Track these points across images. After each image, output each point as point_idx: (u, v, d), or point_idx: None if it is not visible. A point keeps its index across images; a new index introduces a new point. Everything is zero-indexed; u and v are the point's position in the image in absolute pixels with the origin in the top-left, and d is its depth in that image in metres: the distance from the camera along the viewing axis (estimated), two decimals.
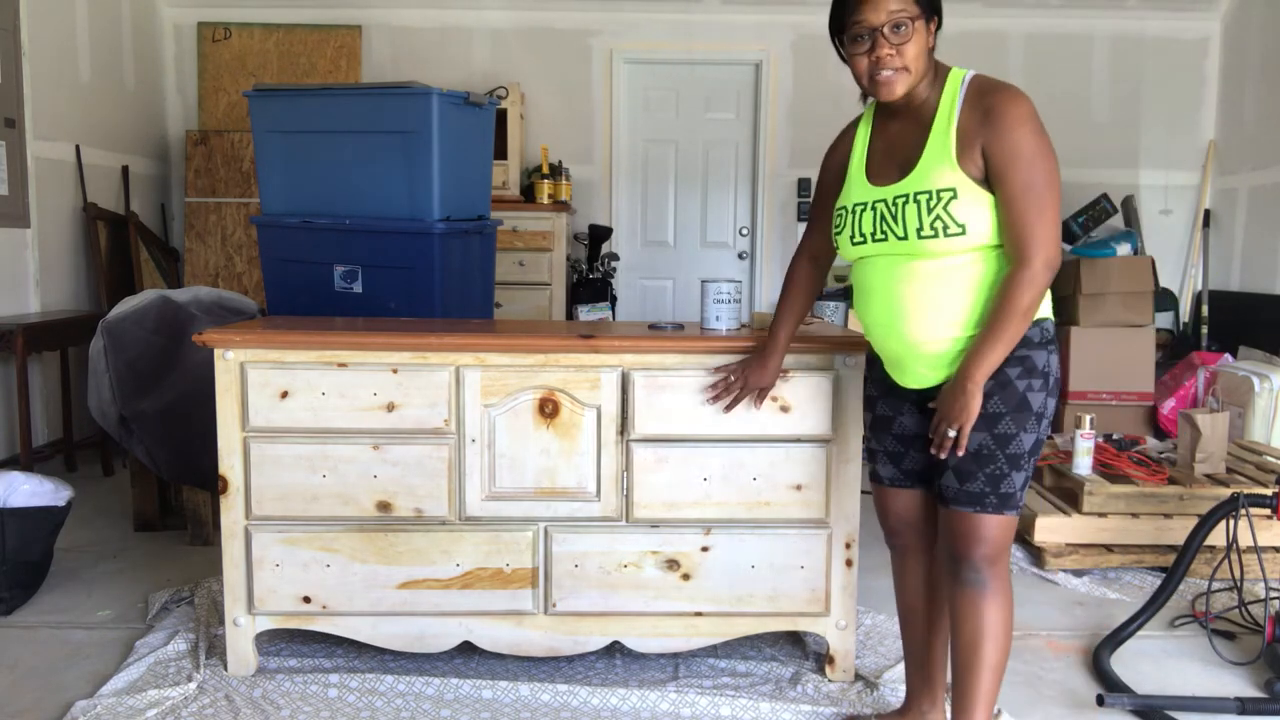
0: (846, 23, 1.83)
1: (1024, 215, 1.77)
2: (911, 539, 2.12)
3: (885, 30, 1.79)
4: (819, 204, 2.11)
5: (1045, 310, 1.90)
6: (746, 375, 2.27)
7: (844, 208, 1.98)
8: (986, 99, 1.81)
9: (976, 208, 1.80)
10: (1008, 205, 1.79)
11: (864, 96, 1.98)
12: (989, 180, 1.81)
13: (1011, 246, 1.80)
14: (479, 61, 5.87)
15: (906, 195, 1.85)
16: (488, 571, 2.43)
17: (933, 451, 1.89)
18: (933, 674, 2.16)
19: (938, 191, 1.81)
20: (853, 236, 1.95)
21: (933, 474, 1.98)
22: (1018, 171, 1.77)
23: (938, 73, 1.89)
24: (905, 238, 1.85)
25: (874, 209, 1.90)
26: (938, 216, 1.81)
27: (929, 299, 1.86)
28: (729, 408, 2.33)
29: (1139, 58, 5.82)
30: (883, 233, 1.88)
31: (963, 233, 1.80)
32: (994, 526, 1.88)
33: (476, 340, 2.38)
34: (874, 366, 2.10)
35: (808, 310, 2.25)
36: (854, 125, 2.05)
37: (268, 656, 2.56)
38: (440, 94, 3.26)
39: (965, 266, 1.84)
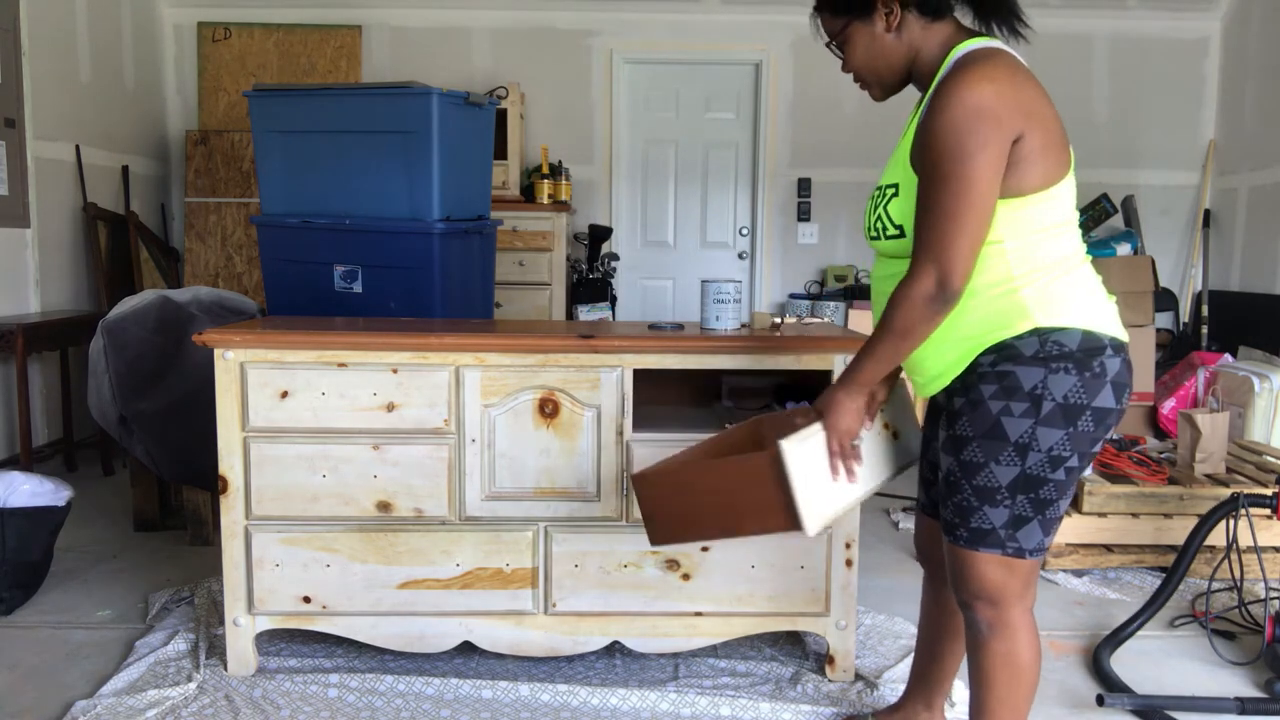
0: None
1: (922, 220, 1.56)
2: (932, 569, 1.99)
3: (832, 48, 1.78)
4: None
5: (1065, 317, 1.60)
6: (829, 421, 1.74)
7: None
8: (945, 81, 1.58)
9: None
10: (916, 204, 1.58)
11: None
12: None
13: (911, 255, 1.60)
14: (479, 61, 5.87)
15: (877, 189, 1.75)
16: (488, 571, 2.43)
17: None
18: (937, 681, 2.10)
19: (884, 188, 1.69)
20: (866, 227, 1.84)
21: None
22: (926, 165, 1.55)
23: (946, 48, 1.67)
24: (872, 236, 1.74)
25: (871, 199, 1.81)
26: (879, 216, 1.69)
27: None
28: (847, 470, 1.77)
29: (1139, 58, 5.83)
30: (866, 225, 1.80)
31: (900, 235, 1.65)
32: (973, 563, 1.67)
33: (476, 340, 2.38)
34: None
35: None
36: None
37: (268, 656, 2.56)
38: (440, 94, 3.26)
39: None
